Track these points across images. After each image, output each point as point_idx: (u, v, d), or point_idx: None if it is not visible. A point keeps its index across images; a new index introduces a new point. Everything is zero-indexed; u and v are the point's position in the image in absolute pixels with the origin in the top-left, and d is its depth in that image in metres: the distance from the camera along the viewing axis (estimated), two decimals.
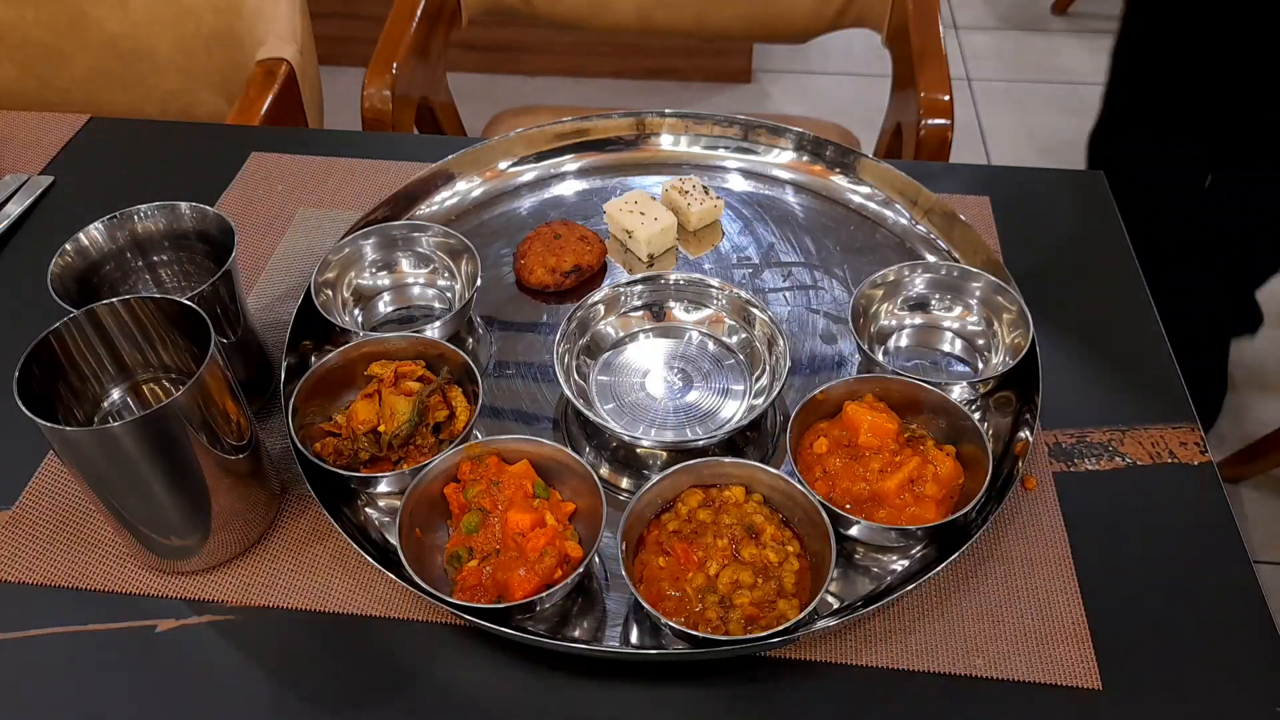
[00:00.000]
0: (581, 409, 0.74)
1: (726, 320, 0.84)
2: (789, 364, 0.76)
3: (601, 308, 0.83)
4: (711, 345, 0.83)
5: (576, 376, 0.79)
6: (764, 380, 0.79)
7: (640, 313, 0.84)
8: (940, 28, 1.33)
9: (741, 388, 0.80)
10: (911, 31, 1.33)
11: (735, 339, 0.83)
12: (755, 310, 0.81)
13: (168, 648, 0.66)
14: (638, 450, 0.77)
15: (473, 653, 0.66)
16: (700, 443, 0.75)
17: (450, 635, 0.67)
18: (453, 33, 1.50)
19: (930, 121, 1.20)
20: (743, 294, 0.82)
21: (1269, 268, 1.70)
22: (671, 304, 0.85)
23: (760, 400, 0.77)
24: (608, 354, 0.82)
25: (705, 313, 0.84)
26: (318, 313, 0.80)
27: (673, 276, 0.84)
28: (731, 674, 0.64)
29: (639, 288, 0.84)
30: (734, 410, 0.78)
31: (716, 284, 0.83)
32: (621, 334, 0.83)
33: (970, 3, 3.13)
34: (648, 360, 0.82)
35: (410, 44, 1.32)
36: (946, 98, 1.22)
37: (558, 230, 0.91)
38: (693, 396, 0.80)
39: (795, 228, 0.95)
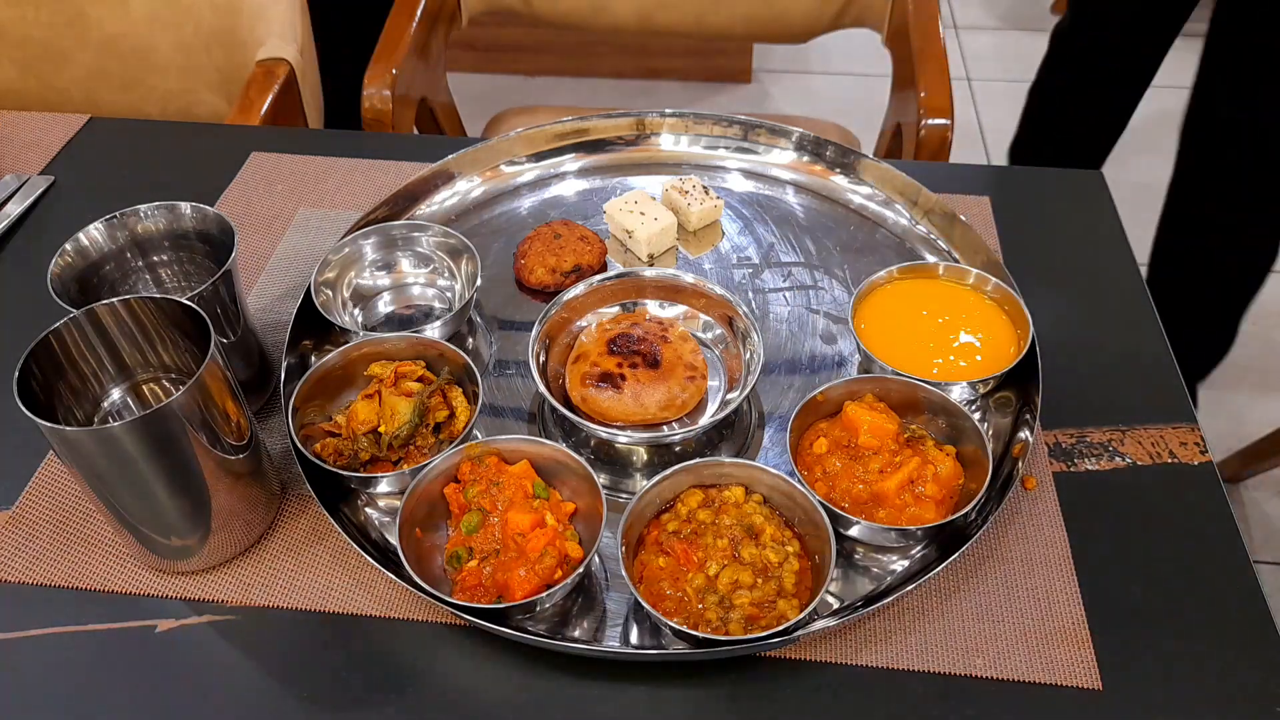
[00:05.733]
0: (556, 405, 0.74)
1: (702, 316, 0.84)
2: (763, 359, 0.76)
3: (576, 306, 0.83)
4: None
5: (553, 376, 0.79)
6: (740, 375, 0.79)
7: (614, 310, 0.84)
8: (940, 28, 1.33)
9: (718, 383, 0.80)
10: (911, 31, 1.33)
11: (711, 334, 0.83)
12: (732, 305, 0.81)
13: (168, 648, 0.66)
14: (617, 446, 0.77)
15: (473, 653, 0.66)
16: (676, 438, 0.75)
17: (450, 635, 0.67)
18: (452, 33, 1.50)
19: (930, 121, 1.20)
20: (718, 289, 0.82)
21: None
22: (647, 301, 0.85)
23: (735, 394, 0.77)
24: None
25: (680, 309, 0.84)
26: (318, 313, 0.80)
27: (647, 273, 0.84)
28: (731, 674, 0.64)
29: (613, 285, 0.84)
30: (711, 406, 0.78)
31: (691, 280, 0.83)
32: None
33: (970, 3, 3.13)
34: None
35: (410, 44, 1.32)
36: (946, 98, 1.22)
37: (558, 230, 0.91)
38: None
39: (795, 228, 0.95)
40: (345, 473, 0.70)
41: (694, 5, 1.51)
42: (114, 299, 0.64)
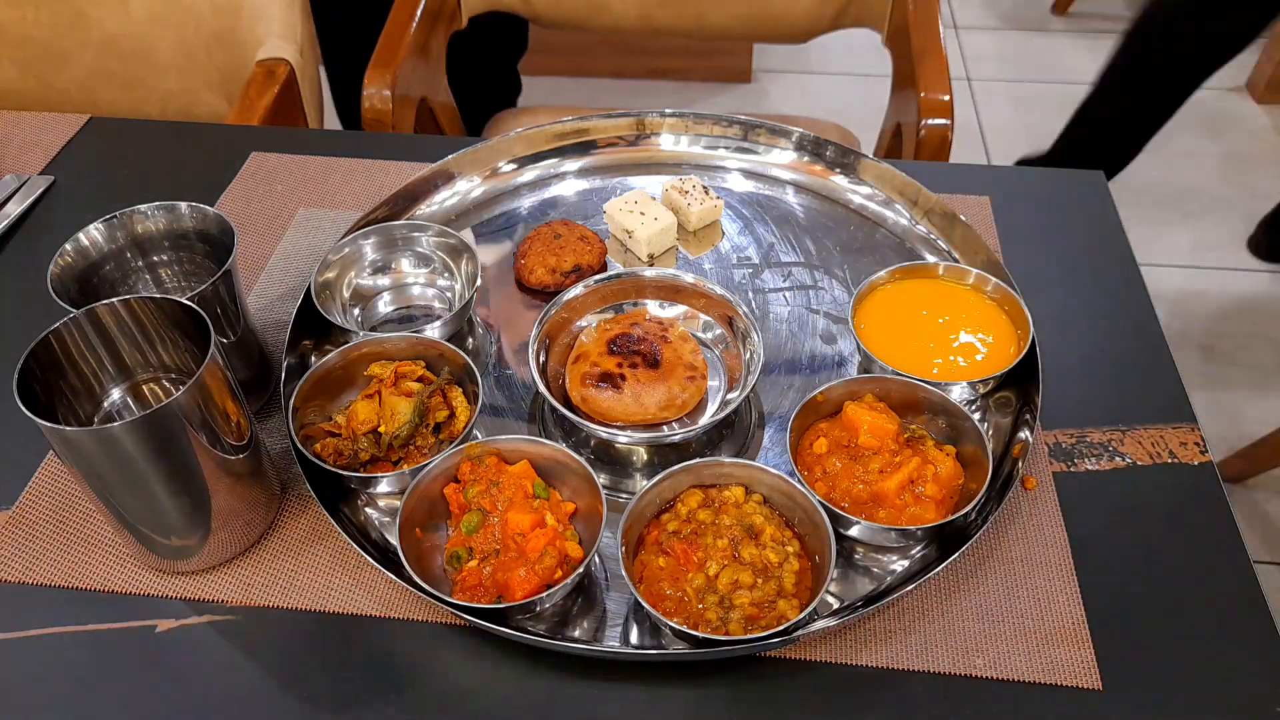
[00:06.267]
0: (556, 405, 0.74)
1: (702, 316, 0.84)
2: (763, 359, 0.76)
3: (576, 306, 0.83)
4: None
5: (553, 376, 0.79)
6: (740, 375, 0.79)
7: (614, 310, 0.84)
8: (940, 28, 1.33)
9: (718, 383, 0.80)
10: (911, 31, 1.33)
11: (711, 334, 0.83)
12: (732, 305, 0.81)
13: (168, 648, 0.66)
14: (617, 446, 0.77)
15: (473, 653, 0.66)
16: (676, 438, 0.75)
17: (450, 635, 0.67)
18: (453, 32, 1.50)
19: (930, 121, 1.20)
20: (718, 289, 0.82)
21: None
22: (647, 301, 0.85)
23: (735, 394, 0.77)
24: None
25: (680, 309, 0.84)
26: (318, 313, 0.80)
27: (647, 273, 0.84)
28: (731, 674, 0.64)
29: (613, 285, 0.84)
30: (711, 406, 0.78)
31: (691, 280, 0.83)
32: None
33: (970, 3, 3.13)
34: None
35: (410, 44, 1.32)
36: (946, 97, 1.22)
37: (558, 230, 0.91)
38: None
39: (795, 228, 0.95)
40: (345, 473, 0.70)
41: (694, 4, 1.51)
42: (114, 299, 0.64)
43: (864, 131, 1.56)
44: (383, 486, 0.71)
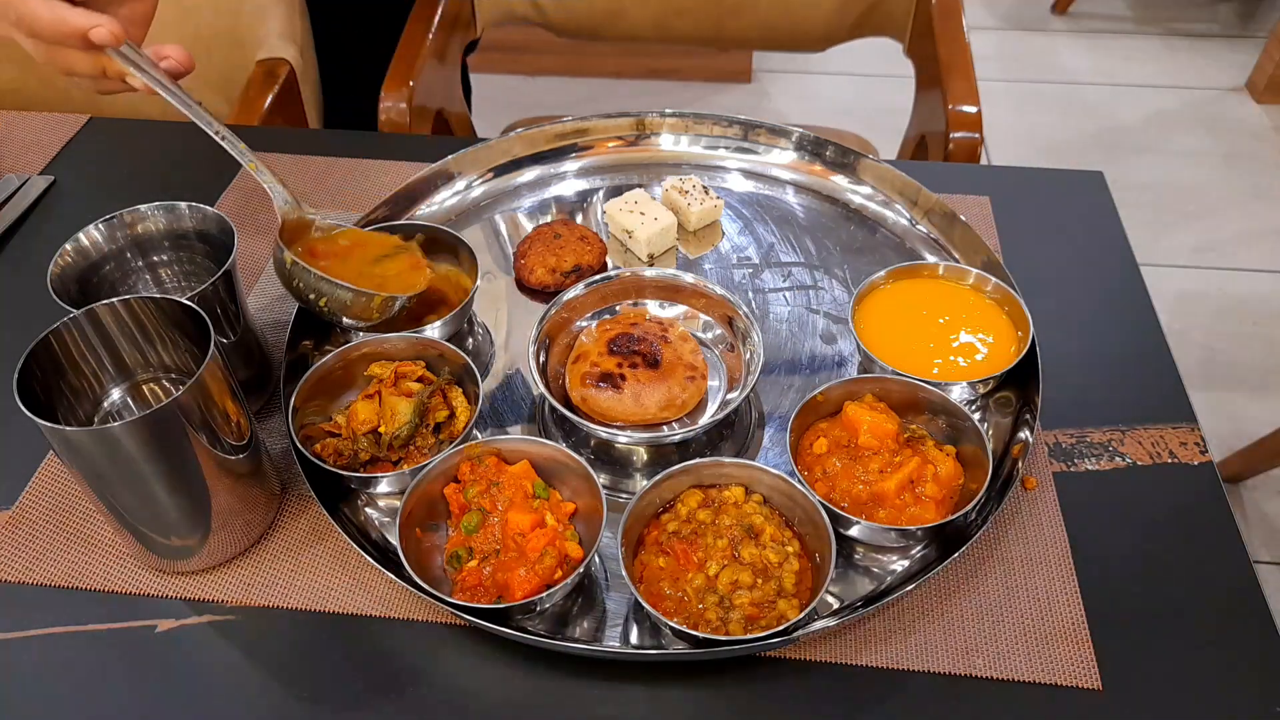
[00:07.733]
0: (556, 405, 0.74)
1: (702, 316, 0.84)
2: (763, 359, 0.76)
3: (576, 306, 0.83)
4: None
5: (553, 376, 0.79)
6: (740, 375, 0.79)
7: (614, 310, 0.84)
8: (965, 37, 1.30)
9: (718, 383, 0.80)
10: (939, 44, 1.31)
11: (711, 334, 0.83)
12: (732, 305, 0.81)
13: (168, 648, 0.66)
14: (617, 446, 0.77)
15: (473, 653, 0.66)
16: (676, 438, 0.75)
17: (450, 635, 0.67)
18: (466, 41, 1.48)
19: (960, 135, 1.19)
20: (718, 289, 0.82)
21: None
22: (647, 301, 0.85)
23: (735, 394, 0.77)
24: None
25: (680, 309, 0.84)
26: None
27: (647, 273, 0.84)
28: (731, 674, 0.64)
29: (613, 285, 0.84)
30: (711, 406, 0.78)
31: (691, 280, 0.83)
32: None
33: (970, 3, 3.13)
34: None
35: (427, 55, 1.30)
36: (976, 110, 1.20)
37: (558, 230, 0.91)
38: None
39: (795, 228, 0.95)
40: (345, 473, 0.70)
41: (712, 13, 1.48)
42: (114, 299, 0.64)
43: (865, 131, 1.56)
44: (383, 486, 0.71)
